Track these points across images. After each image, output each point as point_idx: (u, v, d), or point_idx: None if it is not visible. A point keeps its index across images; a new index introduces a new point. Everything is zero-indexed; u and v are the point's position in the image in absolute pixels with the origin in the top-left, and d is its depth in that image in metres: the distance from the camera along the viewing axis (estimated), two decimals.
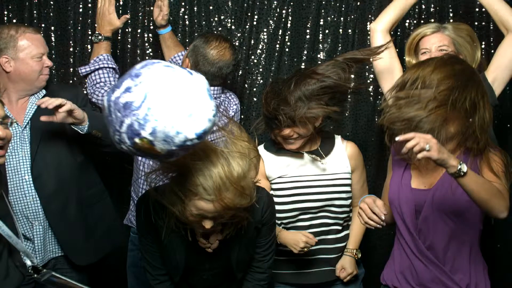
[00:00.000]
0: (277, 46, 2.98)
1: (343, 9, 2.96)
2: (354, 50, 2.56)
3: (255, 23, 2.98)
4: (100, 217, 2.48)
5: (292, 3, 2.97)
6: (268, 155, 2.37)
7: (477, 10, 2.92)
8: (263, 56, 2.99)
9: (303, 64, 2.97)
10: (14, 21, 2.95)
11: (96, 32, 2.63)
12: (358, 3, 2.96)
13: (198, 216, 1.73)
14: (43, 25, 2.98)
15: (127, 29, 2.99)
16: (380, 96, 2.90)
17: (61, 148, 2.34)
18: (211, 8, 2.99)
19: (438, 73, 1.85)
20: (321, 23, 2.98)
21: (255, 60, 2.99)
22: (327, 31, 2.98)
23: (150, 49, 3.01)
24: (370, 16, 2.95)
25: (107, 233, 2.50)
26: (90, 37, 2.95)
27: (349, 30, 2.97)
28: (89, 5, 2.96)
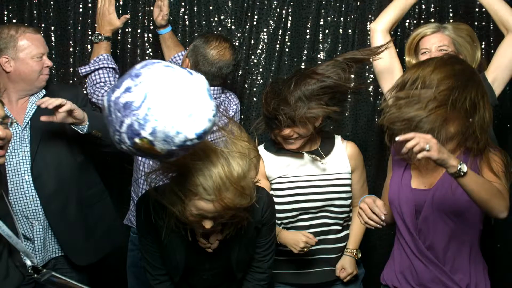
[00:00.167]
0: (277, 46, 2.98)
1: (343, 9, 2.96)
2: (354, 50, 2.56)
3: (255, 23, 2.98)
4: (100, 217, 2.48)
5: (292, 3, 2.96)
6: (268, 155, 2.37)
7: (477, 10, 2.92)
8: (263, 56, 2.99)
9: (303, 64, 2.97)
10: (14, 21, 2.95)
11: (96, 32, 2.63)
12: (358, 3, 2.96)
13: (198, 216, 1.73)
14: (43, 25, 2.98)
15: (127, 29, 2.99)
16: (380, 96, 2.90)
17: (61, 148, 2.34)
18: (211, 8, 2.99)
19: (438, 73, 1.85)
20: (321, 23, 2.98)
21: (255, 60, 2.99)
22: (327, 31, 2.98)
23: (150, 49, 3.00)
24: (370, 16, 2.95)
25: (107, 233, 2.50)
26: (90, 37, 2.95)
27: (349, 30, 2.97)
28: (89, 5, 2.96)
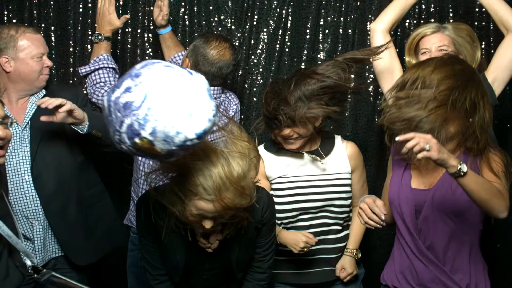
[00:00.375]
0: (277, 46, 2.97)
1: (343, 9, 2.96)
2: (354, 50, 2.56)
3: (255, 23, 2.97)
4: (100, 217, 2.48)
5: (292, 3, 2.96)
6: (268, 155, 2.37)
7: (477, 10, 2.92)
8: (263, 56, 2.99)
9: (303, 64, 2.97)
10: (14, 21, 2.95)
11: (96, 32, 2.63)
12: (358, 3, 2.96)
13: (198, 216, 1.73)
14: (43, 25, 2.98)
15: (127, 29, 2.99)
16: (380, 96, 2.90)
17: (61, 148, 2.34)
18: (211, 8, 2.98)
19: (438, 73, 1.85)
20: (321, 23, 2.98)
21: (255, 60, 2.99)
22: (327, 31, 2.98)
23: (150, 49, 3.00)
24: (370, 16, 2.95)
25: (107, 233, 2.50)
26: (90, 37, 2.95)
27: (349, 30, 2.97)
28: (89, 5, 2.96)
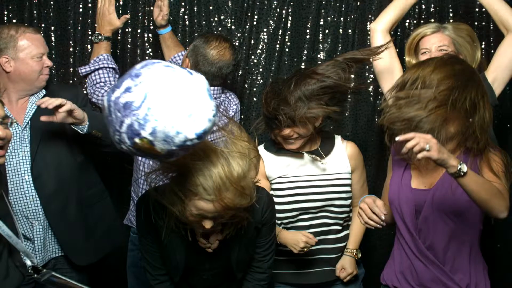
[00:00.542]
0: (277, 46, 2.97)
1: (343, 9, 2.96)
2: (354, 50, 2.56)
3: (255, 23, 2.97)
4: (100, 217, 2.48)
5: (292, 3, 2.96)
6: (268, 155, 2.37)
7: (477, 10, 2.92)
8: (263, 56, 2.99)
9: (303, 64, 2.97)
10: (14, 21, 2.95)
11: (96, 32, 2.63)
12: (358, 3, 2.96)
13: (198, 216, 1.73)
14: (43, 25, 2.98)
15: (127, 29, 2.99)
16: (380, 96, 2.90)
17: (61, 148, 2.34)
18: (211, 8, 2.98)
19: (438, 73, 1.85)
20: (321, 23, 2.98)
21: (255, 60, 2.99)
22: (327, 31, 2.98)
23: (150, 49, 3.00)
24: (370, 16, 2.95)
25: (107, 233, 2.50)
26: (90, 37, 2.95)
27: (349, 30, 2.97)
28: (89, 5, 2.96)
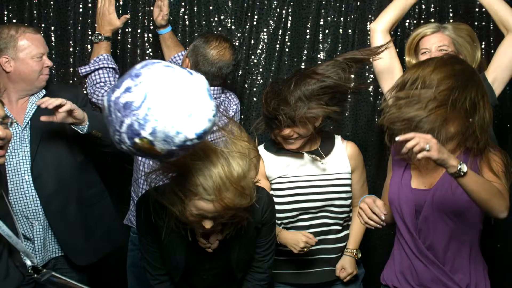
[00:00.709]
0: (277, 46, 2.97)
1: (343, 9, 2.96)
2: (354, 50, 2.56)
3: (255, 23, 2.97)
4: (100, 217, 2.48)
5: (292, 3, 2.96)
6: (268, 155, 2.36)
7: (477, 10, 2.92)
8: (263, 56, 2.99)
9: (303, 64, 2.97)
10: (14, 21, 2.95)
11: (96, 32, 2.63)
12: (358, 3, 2.96)
13: (198, 216, 1.73)
14: (43, 25, 2.98)
15: (127, 29, 2.99)
16: (380, 96, 2.90)
17: (61, 148, 2.34)
18: (211, 8, 2.99)
19: (438, 73, 1.85)
20: (321, 23, 2.98)
21: (255, 60, 2.99)
22: (327, 31, 2.98)
23: (150, 49, 3.00)
24: (370, 16, 2.95)
25: (107, 233, 2.50)
26: (90, 37, 2.95)
27: (349, 30, 2.97)
28: (89, 5, 2.96)
